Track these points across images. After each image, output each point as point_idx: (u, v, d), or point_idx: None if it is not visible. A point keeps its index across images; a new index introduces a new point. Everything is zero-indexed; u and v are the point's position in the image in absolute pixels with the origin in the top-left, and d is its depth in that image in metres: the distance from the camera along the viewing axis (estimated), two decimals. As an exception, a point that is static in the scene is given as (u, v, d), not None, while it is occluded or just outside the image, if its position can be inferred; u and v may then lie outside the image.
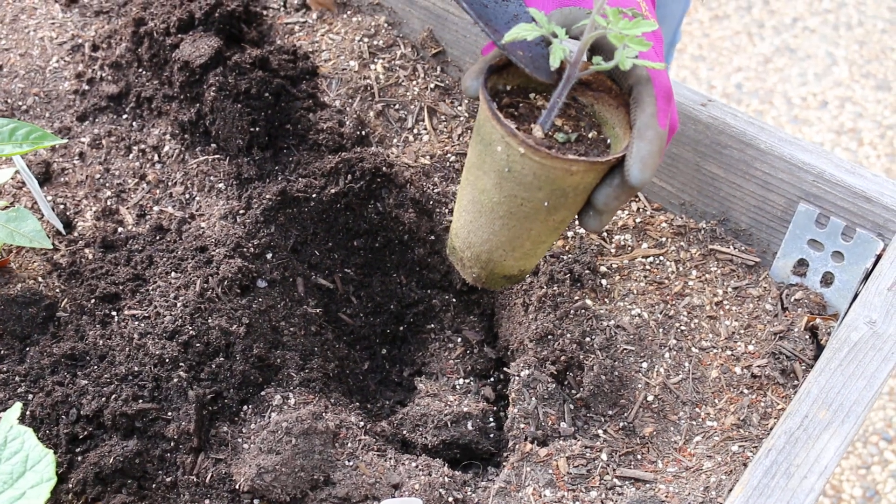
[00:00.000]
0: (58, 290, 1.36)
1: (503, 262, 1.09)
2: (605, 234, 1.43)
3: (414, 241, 1.47)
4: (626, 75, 1.01)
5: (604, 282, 1.38)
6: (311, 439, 1.20)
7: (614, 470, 1.22)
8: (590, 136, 1.04)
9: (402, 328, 1.51)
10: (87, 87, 1.61)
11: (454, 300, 1.50)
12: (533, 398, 1.29)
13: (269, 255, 1.41)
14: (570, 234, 1.44)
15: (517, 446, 1.25)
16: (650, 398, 1.29)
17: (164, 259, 1.37)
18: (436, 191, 1.47)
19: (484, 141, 1.00)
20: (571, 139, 1.02)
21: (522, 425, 1.27)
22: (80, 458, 1.20)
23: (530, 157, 0.96)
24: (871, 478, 2.61)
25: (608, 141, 1.04)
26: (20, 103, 1.60)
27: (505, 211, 1.03)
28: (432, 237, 1.47)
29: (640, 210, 1.46)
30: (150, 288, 1.34)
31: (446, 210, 1.46)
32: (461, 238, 1.11)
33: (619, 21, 0.93)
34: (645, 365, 1.31)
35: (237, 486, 1.18)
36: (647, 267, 1.40)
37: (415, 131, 1.54)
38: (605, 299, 1.37)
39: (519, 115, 1.03)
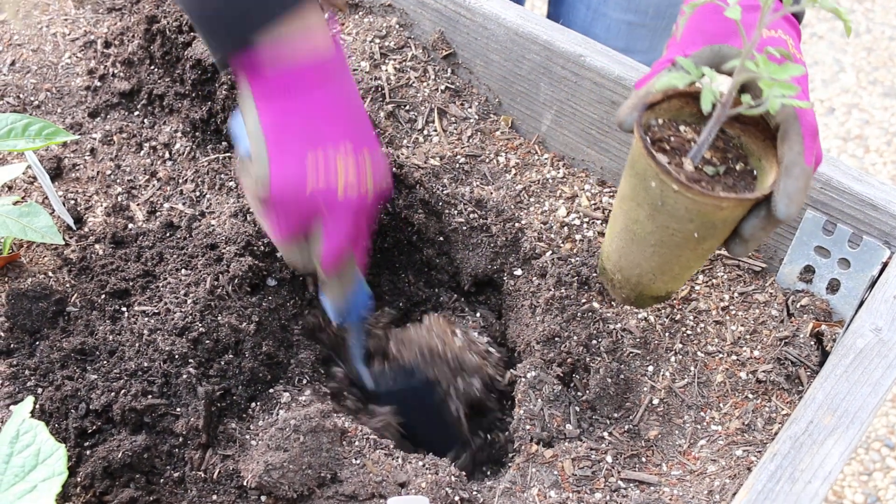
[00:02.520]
0: (68, 286, 1.37)
1: (652, 284, 1.13)
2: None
3: (423, 241, 1.48)
4: (775, 113, 1.04)
5: (611, 285, 1.39)
6: (319, 437, 1.21)
7: (619, 472, 1.23)
8: (737, 167, 1.06)
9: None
10: (98, 84, 1.62)
11: (462, 300, 1.51)
12: (539, 399, 1.29)
13: (279, 254, 1.42)
14: (577, 237, 1.44)
15: (522, 447, 1.26)
16: (655, 401, 1.29)
17: (175, 256, 1.38)
18: (445, 192, 1.47)
19: (638, 175, 1.03)
20: (720, 172, 1.04)
21: (528, 426, 1.28)
22: (88, 453, 1.20)
23: (683, 194, 0.99)
24: (873, 484, 2.61)
25: (754, 172, 1.07)
26: (32, 99, 1.61)
27: (657, 240, 1.06)
28: (441, 238, 1.47)
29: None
30: (161, 284, 1.35)
31: (455, 212, 1.47)
32: (612, 262, 1.15)
33: (769, 66, 0.95)
34: (651, 368, 1.32)
35: (245, 483, 1.19)
36: (654, 271, 1.40)
37: (425, 132, 1.55)
38: (612, 302, 1.38)
39: (671, 150, 1.05)
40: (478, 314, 1.50)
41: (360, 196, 1.16)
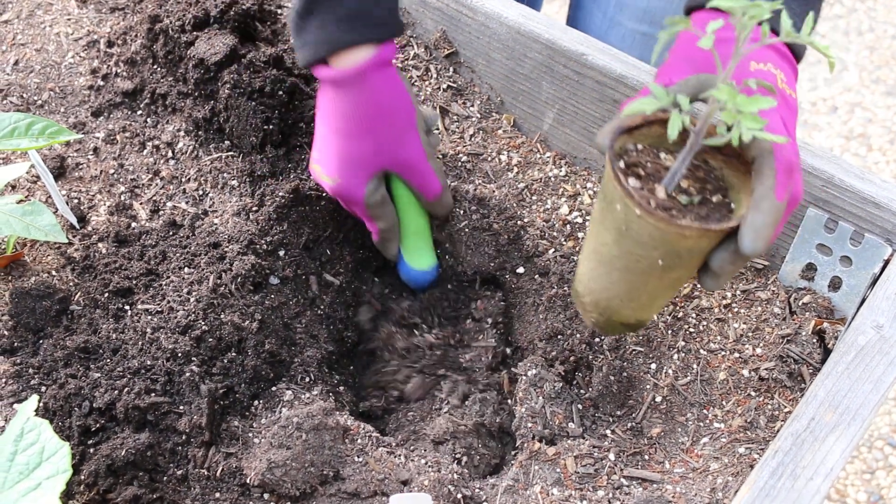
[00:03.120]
0: (71, 284, 1.37)
1: (620, 310, 1.12)
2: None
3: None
4: (750, 146, 1.03)
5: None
6: (322, 434, 1.21)
7: (622, 470, 1.23)
8: (713, 199, 1.05)
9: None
10: (101, 83, 1.62)
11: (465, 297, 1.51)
12: (540, 397, 1.30)
13: (281, 253, 1.42)
14: (579, 234, 1.45)
15: (525, 445, 1.26)
16: (658, 399, 1.29)
17: (178, 254, 1.38)
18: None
19: (607, 198, 1.03)
20: (694, 202, 1.03)
21: (530, 424, 1.28)
22: (92, 451, 1.21)
23: (646, 220, 0.98)
24: (876, 482, 2.61)
25: (731, 205, 1.05)
26: (35, 98, 1.61)
27: (622, 265, 1.06)
28: (443, 235, 1.48)
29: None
30: (164, 283, 1.35)
31: (459, 211, 1.47)
32: (583, 284, 1.14)
33: (735, 97, 0.94)
34: (653, 366, 1.32)
35: (247, 481, 1.19)
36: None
37: (427, 131, 1.55)
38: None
39: (646, 175, 1.04)
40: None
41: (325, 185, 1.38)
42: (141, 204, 1.48)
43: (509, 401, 1.38)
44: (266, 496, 1.20)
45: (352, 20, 1.26)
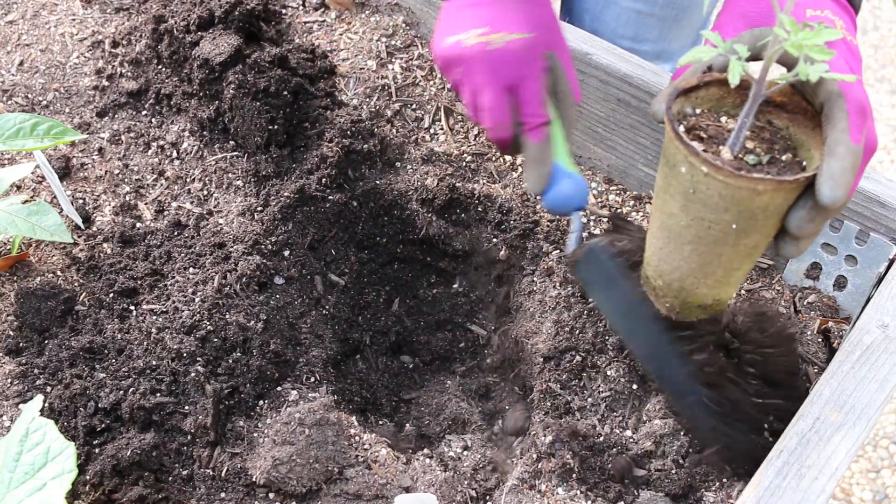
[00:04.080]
0: (76, 284, 1.37)
1: (696, 290, 1.07)
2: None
3: (434, 247, 1.49)
4: (817, 92, 0.97)
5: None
6: (325, 430, 1.21)
7: (630, 468, 1.22)
8: (783, 158, 0.99)
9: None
10: (106, 84, 1.63)
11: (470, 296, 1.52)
12: (549, 398, 1.30)
13: (286, 253, 1.42)
14: (584, 234, 1.44)
15: (532, 443, 1.26)
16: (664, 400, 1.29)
17: (183, 255, 1.38)
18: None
19: (669, 163, 0.98)
20: (763, 161, 0.98)
21: (539, 420, 1.28)
22: (97, 451, 1.21)
23: (714, 177, 0.93)
24: (882, 482, 2.61)
25: (803, 163, 0.99)
26: (40, 98, 1.62)
27: (693, 235, 1.00)
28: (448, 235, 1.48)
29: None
30: (169, 283, 1.35)
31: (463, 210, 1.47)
32: (652, 266, 1.09)
33: (799, 31, 0.88)
34: (658, 365, 1.32)
35: (253, 480, 1.19)
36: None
37: (431, 131, 1.55)
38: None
39: (708, 138, 0.99)
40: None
41: (481, 46, 1.16)
42: (146, 204, 1.48)
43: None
44: (271, 495, 1.20)
45: None
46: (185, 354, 1.26)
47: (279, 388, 1.30)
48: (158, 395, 1.23)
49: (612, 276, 1.22)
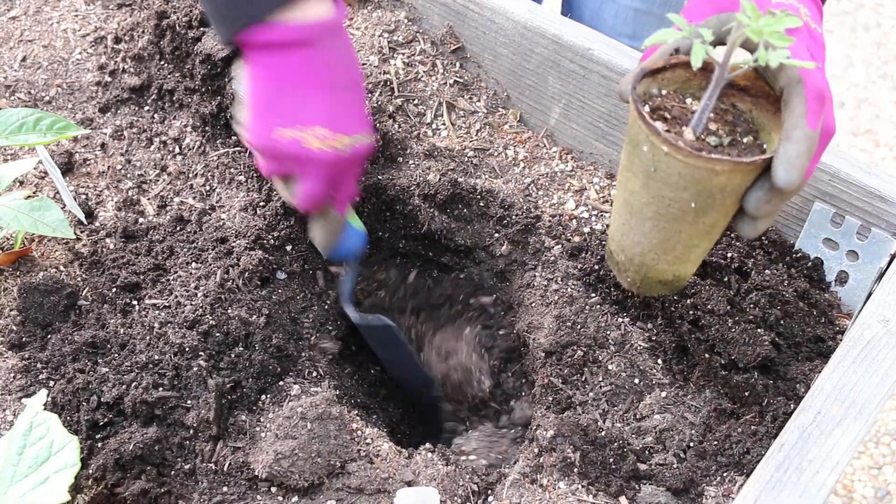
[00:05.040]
0: (79, 279, 1.38)
1: (656, 265, 1.09)
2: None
3: (436, 242, 1.49)
4: (778, 77, 1.00)
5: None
6: (326, 424, 1.21)
7: (631, 463, 1.23)
8: (744, 140, 1.02)
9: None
10: (109, 79, 1.63)
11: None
12: (550, 393, 1.30)
13: (288, 248, 1.42)
14: (586, 230, 1.45)
15: (534, 438, 1.26)
16: (664, 395, 1.29)
17: (185, 249, 1.38)
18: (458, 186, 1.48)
19: (632, 142, 1.00)
20: (724, 143, 1.00)
21: (540, 415, 1.28)
22: (100, 445, 1.21)
23: (674, 156, 0.95)
24: (883, 478, 2.61)
25: (763, 146, 1.02)
26: (43, 94, 1.62)
27: (653, 212, 1.02)
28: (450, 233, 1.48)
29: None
30: (171, 278, 1.35)
31: (464, 205, 1.47)
32: (616, 241, 1.11)
33: (760, 18, 0.91)
34: (661, 361, 1.32)
35: (255, 474, 1.19)
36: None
37: (433, 126, 1.55)
38: (620, 294, 1.38)
39: (672, 119, 1.01)
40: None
41: (332, 153, 1.20)
42: (148, 199, 1.48)
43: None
44: (273, 489, 1.20)
45: None
46: (187, 349, 1.26)
47: (281, 383, 1.30)
48: (161, 389, 1.24)
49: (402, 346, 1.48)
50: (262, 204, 1.44)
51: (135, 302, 1.34)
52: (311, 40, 1.16)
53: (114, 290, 1.35)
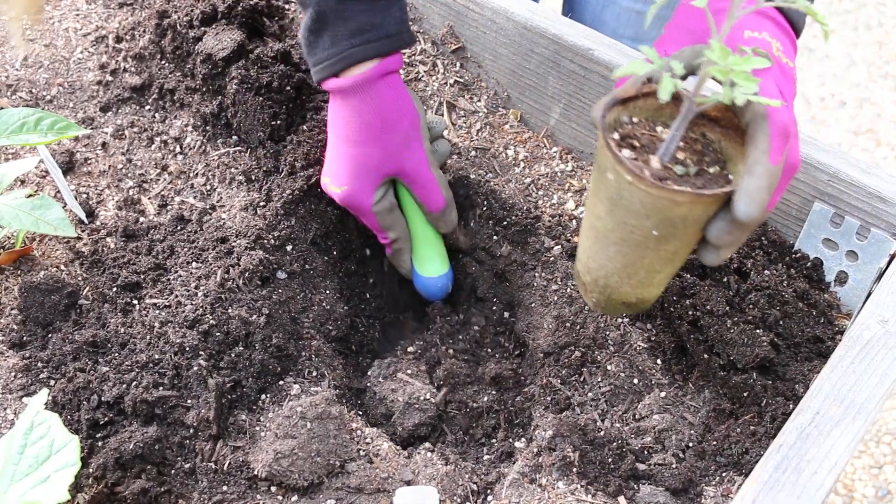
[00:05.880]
0: (80, 279, 1.38)
1: (619, 288, 1.10)
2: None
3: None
4: (745, 112, 1.01)
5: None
6: (326, 423, 1.22)
7: (630, 463, 1.23)
8: (711, 171, 1.03)
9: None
10: (110, 79, 1.63)
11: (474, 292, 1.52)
12: (549, 392, 1.30)
13: (289, 247, 1.42)
14: (586, 230, 1.45)
15: (533, 438, 1.27)
16: (663, 395, 1.30)
17: (186, 249, 1.39)
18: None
19: (599, 168, 1.01)
20: (690, 173, 1.01)
21: (539, 414, 1.28)
22: (100, 444, 1.21)
23: (636, 185, 0.96)
24: (884, 477, 2.61)
25: (730, 177, 1.03)
26: (44, 93, 1.62)
27: (617, 237, 1.04)
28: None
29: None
30: (172, 277, 1.36)
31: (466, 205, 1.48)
32: (582, 262, 1.13)
33: (727, 56, 0.93)
34: (660, 361, 1.32)
35: (255, 473, 1.20)
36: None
37: (434, 126, 1.55)
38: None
39: (641, 147, 1.02)
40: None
41: (335, 196, 1.41)
42: (149, 199, 1.48)
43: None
44: (273, 489, 1.21)
45: (363, 33, 1.28)
46: (187, 348, 1.27)
47: (281, 382, 1.30)
48: (161, 388, 1.24)
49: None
50: (262, 204, 1.44)
51: (135, 301, 1.34)
52: (346, 93, 1.32)
53: (114, 289, 1.35)
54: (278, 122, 1.46)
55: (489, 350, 1.47)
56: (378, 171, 1.36)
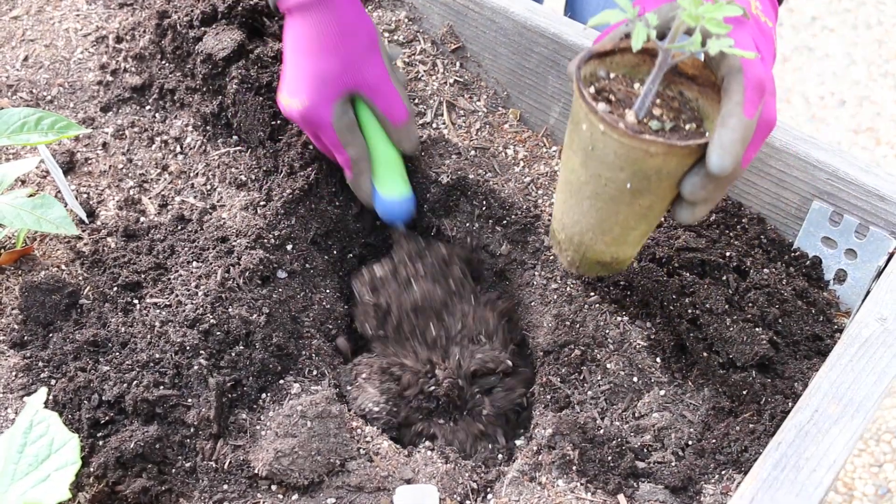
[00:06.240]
0: (80, 278, 1.38)
1: (594, 245, 1.10)
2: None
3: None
4: (720, 65, 1.01)
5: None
6: (326, 422, 1.22)
7: (630, 461, 1.23)
8: (686, 128, 1.02)
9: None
10: (110, 79, 1.63)
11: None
12: (550, 392, 1.30)
13: (289, 247, 1.43)
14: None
15: (533, 437, 1.27)
16: (662, 393, 1.30)
17: (186, 249, 1.39)
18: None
19: (573, 120, 1.01)
20: (666, 128, 1.01)
21: (539, 414, 1.29)
22: (101, 443, 1.22)
23: (610, 135, 0.96)
24: (884, 476, 2.61)
25: (706, 134, 1.02)
26: (45, 93, 1.62)
27: (591, 191, 1.03)
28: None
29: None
30: (172, 277, 1.36)
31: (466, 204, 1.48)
32: (557, 220, 1.12)
33: (700, 4, 0.92)
34: (659, 359, 1.32)
35: (255, 472, 1.20)
36: (662, 262, 1.41)
37: (434, 125, 1.56)
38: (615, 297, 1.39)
39: (616, 101, 1.02)
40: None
41: (289, 111, 1.39)
42: (149, 198, 1.49)
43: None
44: (274, 487, 1.21)
45: None
46: (188, 348, 1.27)
47: (281, 381, 1.31)
48: (162, 387, 1.24)
49: None
50: (262, 203, 1.44)
51: (136, 301, 1.35)
52: (306, 7, 1.33)
53: (115, 288, 1.35)
54: (278, 121, 1.46)
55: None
56: (338, 82, 1.35)
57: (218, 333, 1.29)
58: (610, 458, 1.21)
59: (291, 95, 1.36)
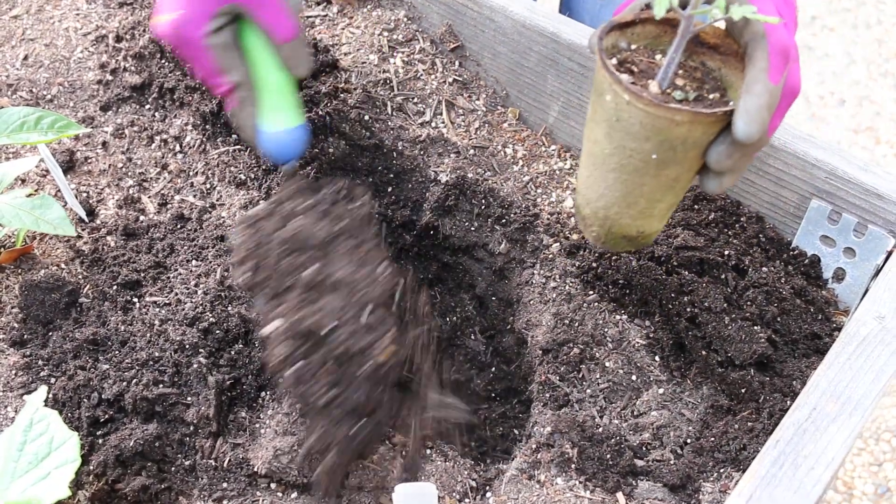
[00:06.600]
0: (80, 277, 1.38)
1: (619, 220, 1.09)
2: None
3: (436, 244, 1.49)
4: (743, 32, 1.00)
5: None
6: None
7: (628, 460, 1.23)
8: (710, 97, 1.02)
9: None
10: (110, 78, 1.63)
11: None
12: (548, 391, 1.31)
13: (288, 244, 1.43)
14: (584, 227, 1.45)
15: (532, 435, 1.27)
16: (662, 391, 1.30)
17: (185, 247, 1.39)
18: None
19: (597, 91, 1.00)
20: (689, 98, 1.01)
21: (537, 413, 1.29)
22: (101, 441, 1.22)
23: (635, 105, 0.95)
24: (884, 475, 2.62)
25: (730, 103, 1.01)
26: (45, 93, 1.63)
27: (616, 163, 1.02)
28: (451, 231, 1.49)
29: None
30: (172, 275, 1.36)
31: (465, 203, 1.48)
32: (581, 194, 1.11)
33: None
34: (658, 358, 1.33)
35: (255, 470, 1.20)
36: (661, 261, 1.41)
37: (433, 125, 1.56)
38: (617, 296, 1.39)
39: (639, 72, 1.02)
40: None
41: (161, 29, 1.20)
42: (149, 197, 1.49)
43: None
44: (273, 485, 1.21)
45: None
46: (187, 346, 1.27)
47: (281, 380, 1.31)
48: (161, 386, 1.24)
49: None
50: (262, 202, 1.45)
51: (135, 299, 1.35)
52: None
53: (114, 287, 1.36)
54: (278, 120, 1.47)
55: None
56: None
57: (217, 332, 1.29)
58: (609, 456, 1.21)
59: (165, 9, 1.19)
